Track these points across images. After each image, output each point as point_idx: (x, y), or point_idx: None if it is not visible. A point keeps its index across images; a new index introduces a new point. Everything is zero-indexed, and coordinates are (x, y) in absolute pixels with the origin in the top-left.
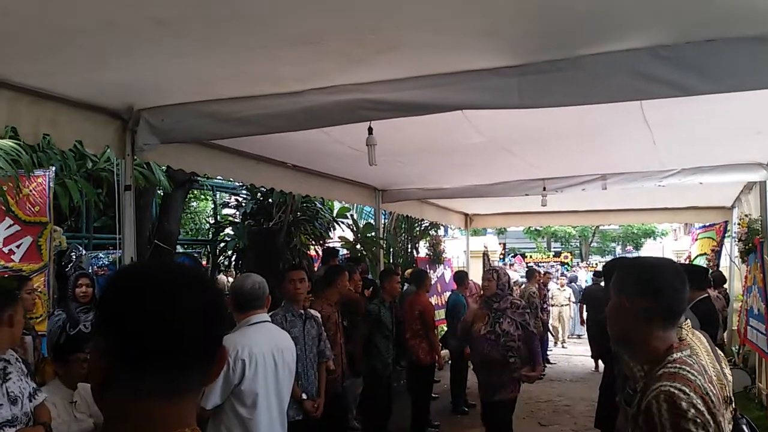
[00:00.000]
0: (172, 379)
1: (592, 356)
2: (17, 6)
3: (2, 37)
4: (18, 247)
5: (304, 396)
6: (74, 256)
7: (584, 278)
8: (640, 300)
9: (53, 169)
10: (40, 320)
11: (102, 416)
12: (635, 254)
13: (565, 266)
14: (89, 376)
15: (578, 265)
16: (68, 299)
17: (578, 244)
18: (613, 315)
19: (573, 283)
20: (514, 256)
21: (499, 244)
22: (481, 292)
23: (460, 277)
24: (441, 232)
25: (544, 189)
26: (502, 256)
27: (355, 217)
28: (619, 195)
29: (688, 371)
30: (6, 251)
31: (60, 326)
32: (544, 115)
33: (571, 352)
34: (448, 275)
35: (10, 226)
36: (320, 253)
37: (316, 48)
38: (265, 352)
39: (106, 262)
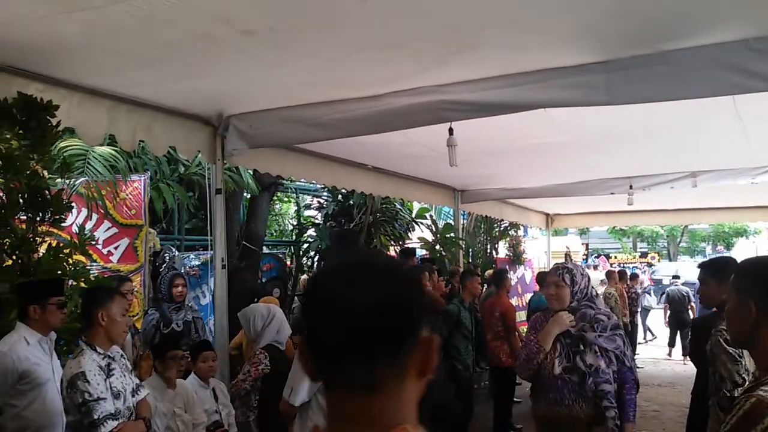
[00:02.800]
0: (366, 372)
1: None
2: (123, 23)
3: (107, 52)
4: (116, 248)
5: None
6: (167, 257)
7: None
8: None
9: (148, 173)
10: (136, 318)
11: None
12: (727, 254)
13: (652, 267)
14: (305, 371)
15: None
16: (161, 299)
17: (666, 244)
18: (735, 317)
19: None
20: (597, 257)
21: (582, 244)
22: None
23: (544, 278)
24: (521, 232)
25: (631, 187)
26: (584, 257)
27: (434, 217)
28: (709, 192)
29: None
30: (105, 252)
31: (154, 325)
32: (631, 112)
33: (659, 356)
34: (529, 276)
35: (108, 228)
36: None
37: (398, 51)
38: None
39: (197, 263)
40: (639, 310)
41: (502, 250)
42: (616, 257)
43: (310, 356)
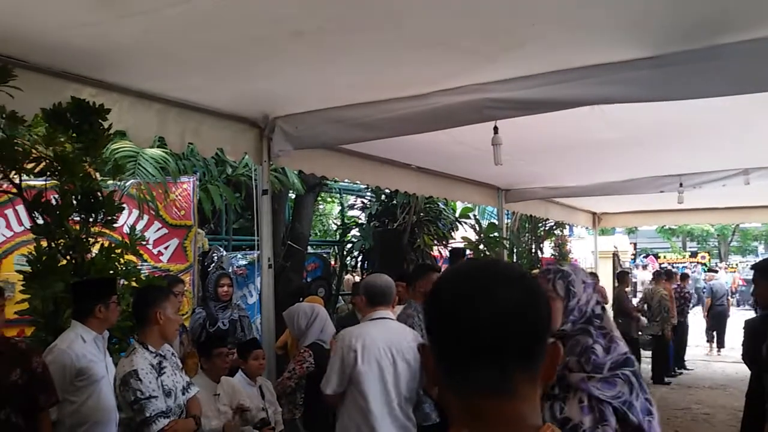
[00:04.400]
0: (501, 377)
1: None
2: (173, 27)
3: (157, 56)
4: (166, 248)
5: None
6: (216, 257)
7: (725, 279)
8: None
9: (197, 175)
10: (185, 317)
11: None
12: None
13: (703, 267)
14: (426, 375)
15: (717, 265)
16: (208, 298)
17: (717, 243)
18: None
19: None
20: (646, 257)
21: (630, 243)
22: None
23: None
24: (566, 231)
25: (681, 185)
26: (633, 257)
27: (477, 217)
28: (762, 190)
29: None
30: (155, 252)
31: (201, 324)
32: (682, 108)
33: (711, 357)
34: None
35: (158, 229)
36: (442, 253)
37: (444, 49)
38: (381, 346)
39: (244, 263)
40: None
41: (548, 249)
42: (665, 257)
43: (438, 360)
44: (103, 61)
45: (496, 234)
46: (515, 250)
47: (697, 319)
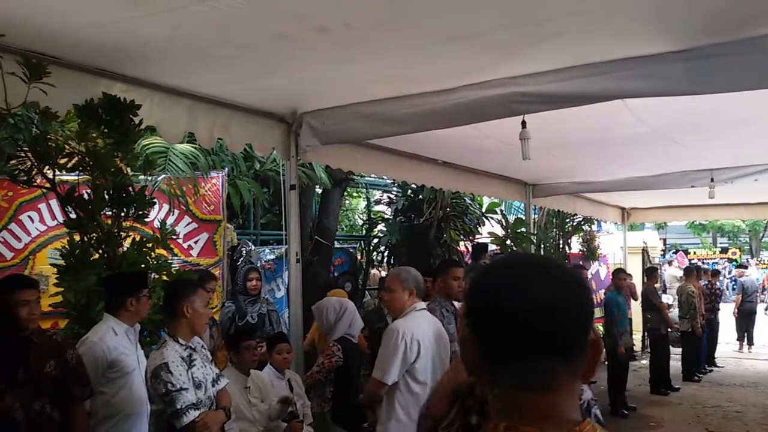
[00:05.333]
0: (543, 370)
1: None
2: (204, 24)
3: (187, 52)
4: (196, 243)
5: None
6: (244, 252)
7: (755, 276)
8: None
9: (226, 170)
10: (215, 310)
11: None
12: None
13: (733, 263)
14: (465, 367)
15: (748, 261)
16: (237, 292)
17: (748, 239)
18: None
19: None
20: (675, 253)
21: (660, 239)
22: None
23: (618, 274)
24: (594, 227)
25: (712, 180)
26: (662, 252)
27: (504, 212)
28: None
29: None
30: (185, 247)
31: (230, 317)
32: (713, 102)
33: (741, 355)
34: (604, 272)
35: (188, 223)
36: (469, 248)
37: (472, 43)
38: (429, 335)
39: (272, 257)
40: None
41: (576, 245)
42: (695, 253)
43: (479, 351)
44: (133, 58)
45: (523, 229)
46: (542, 246)
47: (728, 316)
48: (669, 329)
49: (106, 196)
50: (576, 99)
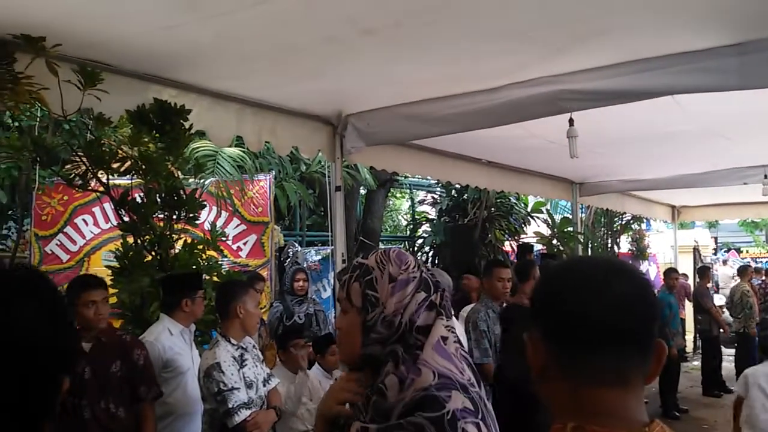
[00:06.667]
0: (617, 368)
1: None
2: (251, 28)
3: (235, 57)
4: (244, 244)
5: None
6: (291, 253)
7: None
8: None
9: (273, 173)
10: (263, 311)
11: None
12: None
13: None
14: (530, 364)
15: None
16: (285, 292)
17: None
18: None
19: None
20: (727, 251)
21: (711, 237)
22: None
23: (669, 273)
24: (644, 225)
25: (766, 177)
26: (714, 251)
27: (550, 211)
28: None
29: None
30: (235, 248)
31: (278, 317)
32: (766, 96)
33: None
34: (653, 272)
35: (237, 225)
36: (514, 248)
37: (518, 41)
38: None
39: (318, 258)
40: None
41: (624, 244)
42: (747, 251)
43: (550, 349)
44: (182, 63)
45: (570, 229)
46: (590, 246)
47: None
48: (721, 330)
49: (158, 200)
50: (626, 96)
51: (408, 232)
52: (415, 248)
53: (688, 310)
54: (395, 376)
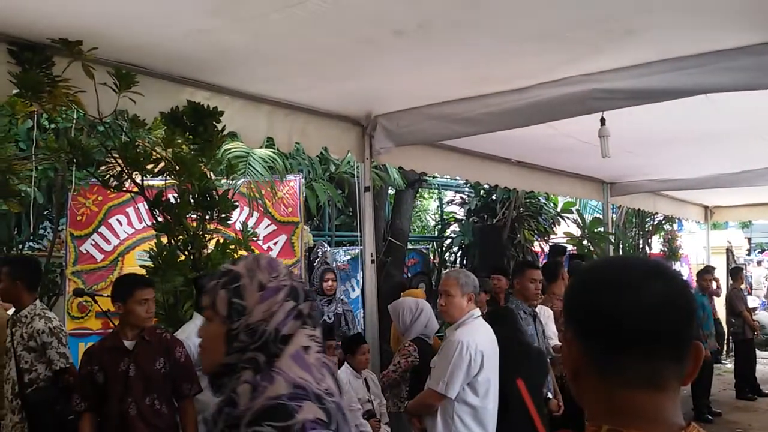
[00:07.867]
0: (652, 370)
1: None
2: (282, 31)
3: (267, 59)
4: (275, 244)
5: (549, 395)
6: (320, 252)
7: None
8: None
9: (302, 173)
10: None
11: None
12: None
13: None
14: (564, 365)
15: None
16: (314, 292)
17: None
18: None
19: None
20: (761, 252)
21: (745, 238)
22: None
23: (702, 274)
24: (676, 226)
25: None
26: (747, 252)
27: (580, 211)
28: None
29: None
30: (265, 248)
31: None
32: None
33: None
34: (686, 273)
35: (268, 225)
36: (544, 249)
37: (549, 41)
38: (489, 346)
39: (346, 258)
40: None
41: (656, 245)
42: None
43: (585, 350)
44: (215, 66)
45: (600, 229)
46: (621, 246)
47: None
48: (755, 333)
49: (192, 200)
50: (657, 95)
51: (436, 233)
52: (443, 248)
53: (720, 310)
54: (248, 384)
